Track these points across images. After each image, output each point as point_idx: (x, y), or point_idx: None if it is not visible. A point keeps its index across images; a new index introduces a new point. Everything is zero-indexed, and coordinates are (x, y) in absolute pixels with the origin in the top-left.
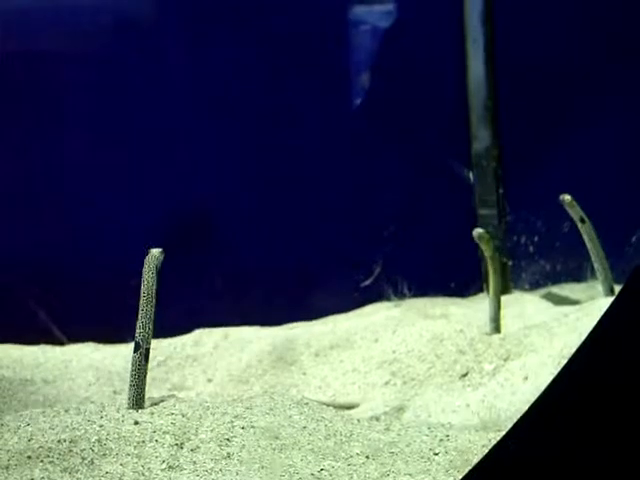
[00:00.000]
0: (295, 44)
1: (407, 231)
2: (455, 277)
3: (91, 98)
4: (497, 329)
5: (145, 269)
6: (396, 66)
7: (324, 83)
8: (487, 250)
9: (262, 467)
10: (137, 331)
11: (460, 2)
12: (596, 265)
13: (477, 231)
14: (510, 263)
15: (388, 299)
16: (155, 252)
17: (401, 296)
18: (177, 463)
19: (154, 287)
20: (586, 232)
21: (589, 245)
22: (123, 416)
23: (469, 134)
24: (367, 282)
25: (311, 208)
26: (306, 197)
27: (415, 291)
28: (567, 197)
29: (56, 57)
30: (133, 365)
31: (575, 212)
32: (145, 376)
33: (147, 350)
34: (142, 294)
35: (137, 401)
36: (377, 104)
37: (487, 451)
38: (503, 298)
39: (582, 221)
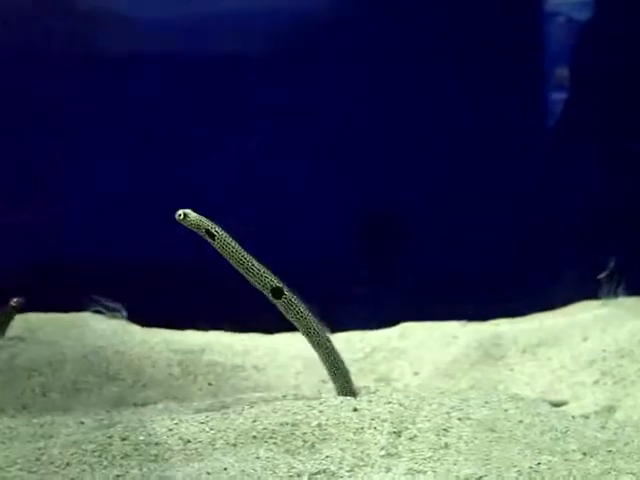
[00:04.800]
0: (490, 39)
1: (618, 229)
2: None
3: (276, 99)
4: None
5: (217, 238)
6: (598, 61)
7: (521, 80)
8: None
9: (479, 458)
10: (265, 281)
11: None
12: None
13: None
14: None
15: (596, 298)
16: (192, 215)
17: (613, 295)
18: (395, 451)
19: (234, 244)
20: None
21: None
22: (341, 403)
23: None
24: (602, 275)
25: (518, 205)
26: (514, 193)
27: (628, 290)
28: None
29: (242, 58)
30: (286, 307)
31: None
32: (301, 306)
33: (272, 289)
34: (232, 260)
35: (315, 337)
36: (579, 101)
37: None
38: None
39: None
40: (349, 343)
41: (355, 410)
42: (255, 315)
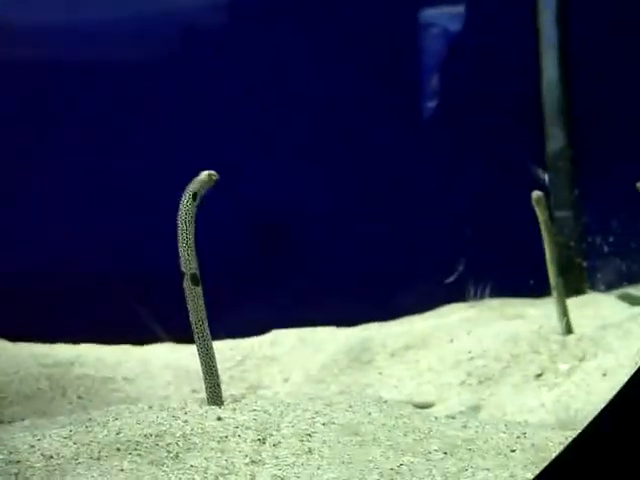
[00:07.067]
0: (367, 47)
1: (484, 232)
2: (533, 278)
3: (167, 103)
4: (564, 311)
5: (182, 201)
6: (469, 68)
7: (396, 85)
8: (541, 214)
9: (343, 462)
10: (181, 261)
11: (533, 4)
12: None
13: (536, 193)
14: (585, 264)
15: (464, 300)
16: (204, 175)
17: (478, 297)
18: (259, 458)
19: (192, 217)
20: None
21: None
22: (206, 412)
23: (544, 136)
24: (450, 279)
25: (388, 210)
26: (384, 199)
27: (492, 292)
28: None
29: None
30: (187, 293)
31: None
32: (202, 301)
33: (193, 275)
34: (179, 226)
35: (201, 331)
36: (451, 106)
37: (563, 447)
38: (578, 299)
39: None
40: (220, 351)
41: (219, 419)
42: (126, 325)
